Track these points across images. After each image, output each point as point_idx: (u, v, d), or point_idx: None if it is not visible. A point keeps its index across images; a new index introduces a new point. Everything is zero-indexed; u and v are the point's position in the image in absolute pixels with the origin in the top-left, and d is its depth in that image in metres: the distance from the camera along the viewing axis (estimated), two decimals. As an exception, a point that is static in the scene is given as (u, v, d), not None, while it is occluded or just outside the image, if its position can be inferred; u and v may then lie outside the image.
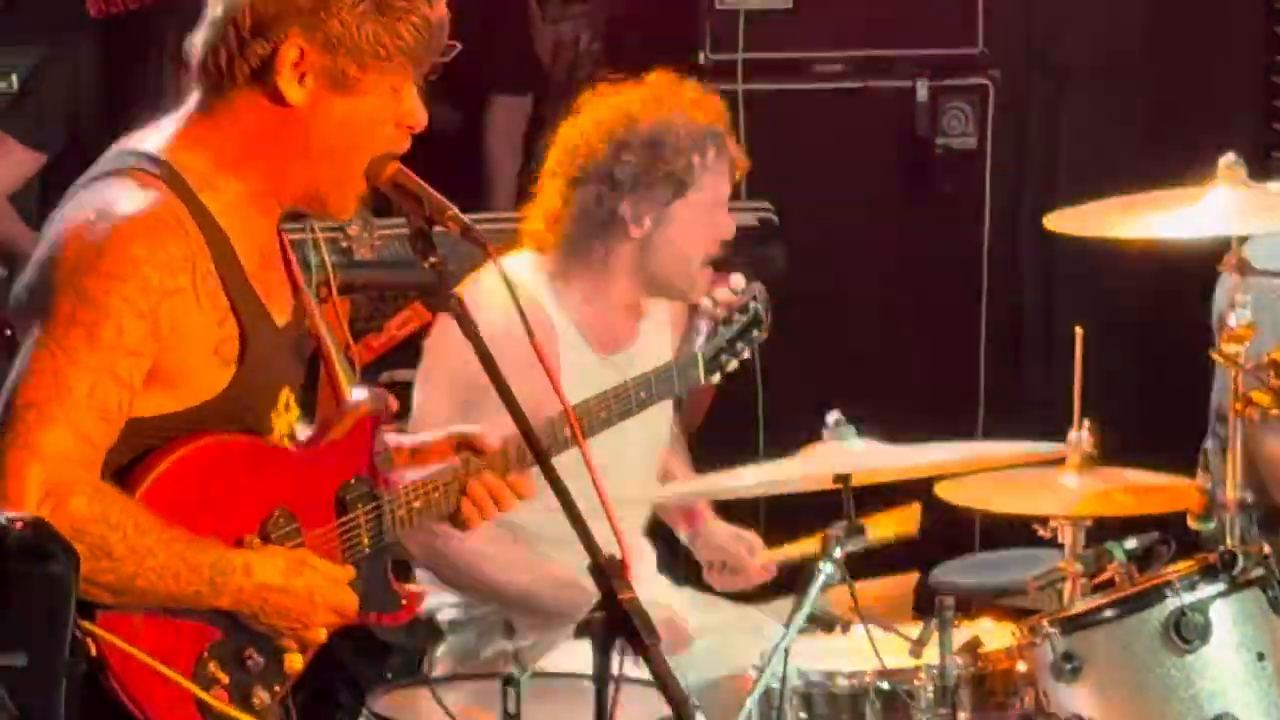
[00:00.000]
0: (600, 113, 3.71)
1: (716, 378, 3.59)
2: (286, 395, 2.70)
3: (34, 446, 2.30)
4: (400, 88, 2.59)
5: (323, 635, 2.69)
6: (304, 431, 2.80)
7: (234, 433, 2.63)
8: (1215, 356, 3.54)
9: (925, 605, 3.87)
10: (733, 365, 3.61)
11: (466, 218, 2.63)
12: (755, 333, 3.67)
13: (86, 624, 2.41)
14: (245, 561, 2.53)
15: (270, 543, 2.62)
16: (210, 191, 2.54)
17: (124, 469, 2.51)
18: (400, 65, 2.59)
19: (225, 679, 2.60)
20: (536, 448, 2.51)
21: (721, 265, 3.85)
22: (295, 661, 2.67)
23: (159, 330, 2.44)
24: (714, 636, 3.80)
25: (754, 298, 3.65)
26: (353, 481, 2.78)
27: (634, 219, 3.65)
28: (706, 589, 4.10)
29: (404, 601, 2.87)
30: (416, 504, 2.85)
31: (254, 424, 2.63)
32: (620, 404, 3.32)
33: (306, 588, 2.60)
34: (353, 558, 2.72)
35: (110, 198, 2.52)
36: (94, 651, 2.45)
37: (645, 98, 3.70)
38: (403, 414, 3.64)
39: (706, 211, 3.71)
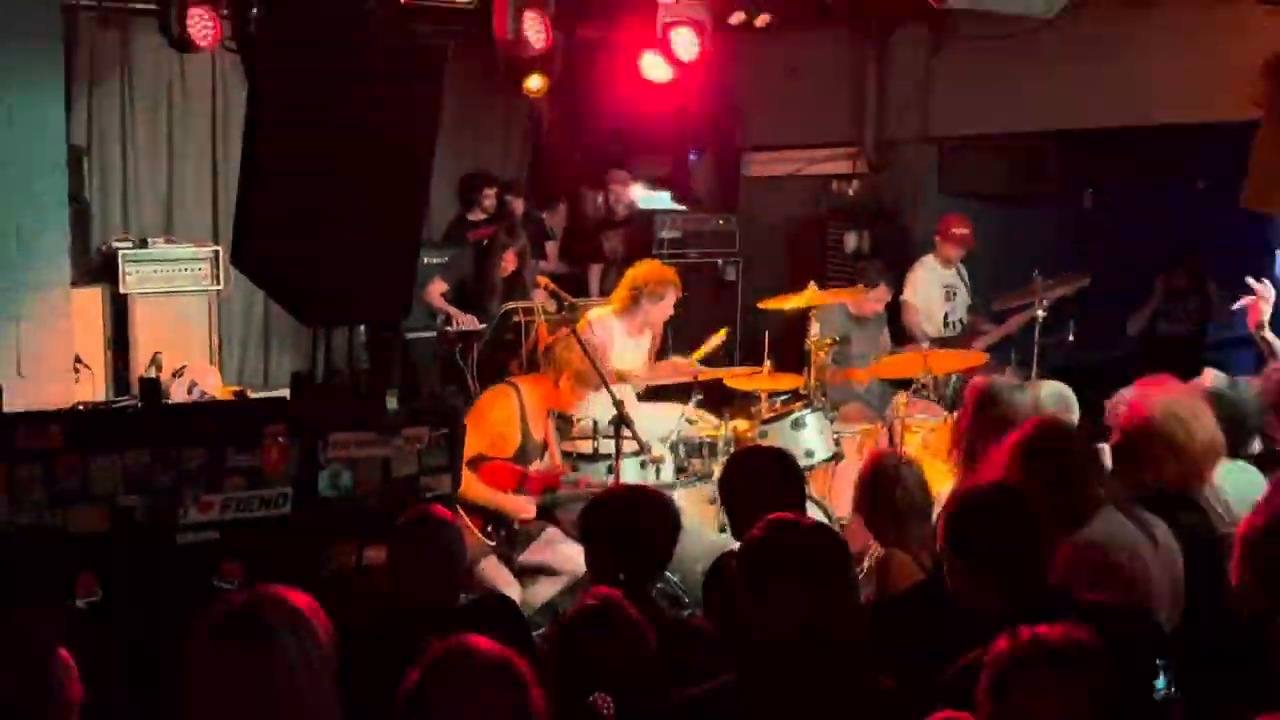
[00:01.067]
0: (641, 270, 6.91)
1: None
2: (536, 463, 5.64)
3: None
4: None
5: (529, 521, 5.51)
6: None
7: (513, 463, 5.61)
8: (807, 342, 6.77)
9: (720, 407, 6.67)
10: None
11: (572, 299, 6.44)
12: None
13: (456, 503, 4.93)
14: (507, 493, 5.48)
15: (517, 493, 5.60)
16: (528, 395, 5.61)
17: (474, 465, 5.39)
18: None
19: (491, 534, 5.52)
20: (603, 373, 5.74)
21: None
22: (528, 530, 5.44)
23: (497, 429, 5.45)
24: (653, 415, 6.48)
25: None
26: (548, 488, 5.68)
27: (644, 304, 6.80)
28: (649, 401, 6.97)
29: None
30: (572, 498, 5.52)
31: (522, 463, 5.57)
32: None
33: (520, 505, 5.48)
34: (540, 508, 5.62)
35: (495, 389, 5.78)
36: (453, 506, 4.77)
37: (652, 269, 6.94)
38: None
39: (668, 305, 6.83)
